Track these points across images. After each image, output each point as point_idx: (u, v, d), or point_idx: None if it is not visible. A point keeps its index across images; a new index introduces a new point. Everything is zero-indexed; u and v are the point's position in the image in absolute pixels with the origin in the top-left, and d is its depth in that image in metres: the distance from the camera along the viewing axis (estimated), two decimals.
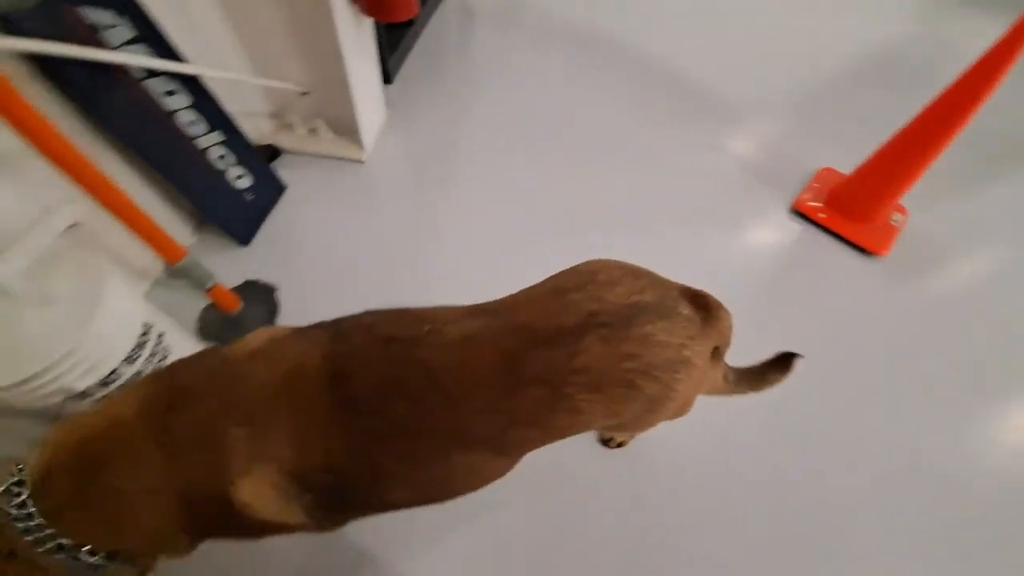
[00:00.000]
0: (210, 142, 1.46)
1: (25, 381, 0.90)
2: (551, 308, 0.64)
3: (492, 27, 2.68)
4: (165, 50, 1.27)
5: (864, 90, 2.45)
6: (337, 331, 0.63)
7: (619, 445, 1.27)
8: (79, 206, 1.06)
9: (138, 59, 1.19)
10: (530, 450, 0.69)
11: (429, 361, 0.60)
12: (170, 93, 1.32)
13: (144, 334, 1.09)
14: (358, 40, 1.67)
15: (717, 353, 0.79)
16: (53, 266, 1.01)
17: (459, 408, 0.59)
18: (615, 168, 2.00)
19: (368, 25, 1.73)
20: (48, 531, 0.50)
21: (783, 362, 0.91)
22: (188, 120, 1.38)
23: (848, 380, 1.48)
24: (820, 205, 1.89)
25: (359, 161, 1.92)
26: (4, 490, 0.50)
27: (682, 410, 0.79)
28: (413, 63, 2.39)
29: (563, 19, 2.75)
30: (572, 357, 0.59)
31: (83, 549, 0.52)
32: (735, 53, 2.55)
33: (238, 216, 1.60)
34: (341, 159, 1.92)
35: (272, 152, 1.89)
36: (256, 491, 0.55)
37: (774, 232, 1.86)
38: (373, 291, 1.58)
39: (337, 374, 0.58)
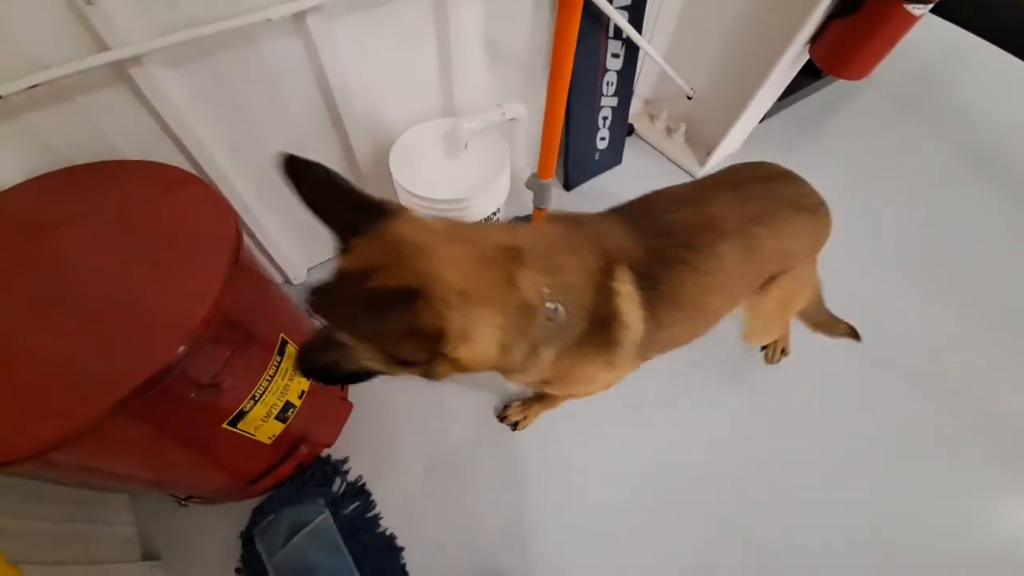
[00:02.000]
0: (607, 104, 1.68)
1: (434, 201, 1.23)
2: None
3: (888, 100, 2.38)
4: (638, 20, 1.48)
5: None
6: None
7: (782, 352, 1.48)
8: (524, 108, 1.35)
9: (621, 20, 1.41)
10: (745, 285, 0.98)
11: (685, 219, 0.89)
12: (615, 56, 1.55)
13: (497, 210, 1.37)
14: (782, 77, 1.66)
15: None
16: (484, 136, 1.33)
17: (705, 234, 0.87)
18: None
19: (798, 65, 1.69)
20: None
21: (851, 331, 1.33)
22: (608, 80, 1.61)
23: None
24: None
25: (692, 175, 1.97)
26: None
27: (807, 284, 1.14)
28: (792, 110, 2.28)
29: (975, 125, 2.27)
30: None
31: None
32: None
33: (582, 166, 1.84)
34: (678, 165, 2.00)
35: (628, 129, 2.07)
36: (623, 276, 0.79)
37: None
38: None
39: (631, 221, 0.88)
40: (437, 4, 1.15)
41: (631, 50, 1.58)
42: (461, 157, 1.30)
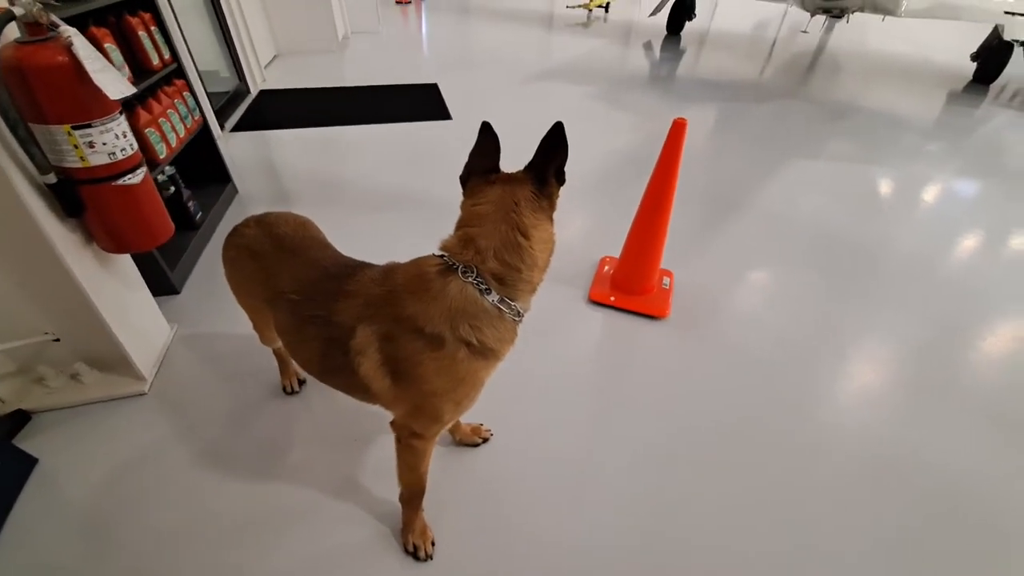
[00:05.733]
0: None
1: None
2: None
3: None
4: None
5: (612, 186, 3.11)
6: None
7: None
8: None
9: None
10: None
11: None
12: None
13: None
14: (109, 274, 1.57)
15: None
16: None
17: None
18: None
19: (119, 256, 1.64)
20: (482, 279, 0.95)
21: None
22: None
23: (659, 429, 1.64)
24: (608, 290, 2.21)
25: (140, 393, 1.68)
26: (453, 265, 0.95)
27: None
28: (206, 264, 2.32)
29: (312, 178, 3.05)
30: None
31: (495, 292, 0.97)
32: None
33: None
34: (115, 399, 1.66)
35: (16, 420, 1.56)
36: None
37: (583, 324, 2.10)
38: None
39: None
40: None
41: None
42: None
